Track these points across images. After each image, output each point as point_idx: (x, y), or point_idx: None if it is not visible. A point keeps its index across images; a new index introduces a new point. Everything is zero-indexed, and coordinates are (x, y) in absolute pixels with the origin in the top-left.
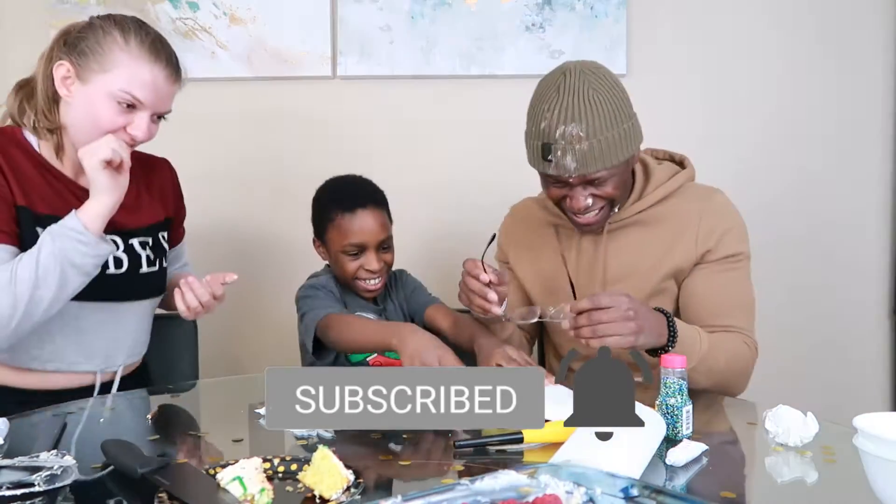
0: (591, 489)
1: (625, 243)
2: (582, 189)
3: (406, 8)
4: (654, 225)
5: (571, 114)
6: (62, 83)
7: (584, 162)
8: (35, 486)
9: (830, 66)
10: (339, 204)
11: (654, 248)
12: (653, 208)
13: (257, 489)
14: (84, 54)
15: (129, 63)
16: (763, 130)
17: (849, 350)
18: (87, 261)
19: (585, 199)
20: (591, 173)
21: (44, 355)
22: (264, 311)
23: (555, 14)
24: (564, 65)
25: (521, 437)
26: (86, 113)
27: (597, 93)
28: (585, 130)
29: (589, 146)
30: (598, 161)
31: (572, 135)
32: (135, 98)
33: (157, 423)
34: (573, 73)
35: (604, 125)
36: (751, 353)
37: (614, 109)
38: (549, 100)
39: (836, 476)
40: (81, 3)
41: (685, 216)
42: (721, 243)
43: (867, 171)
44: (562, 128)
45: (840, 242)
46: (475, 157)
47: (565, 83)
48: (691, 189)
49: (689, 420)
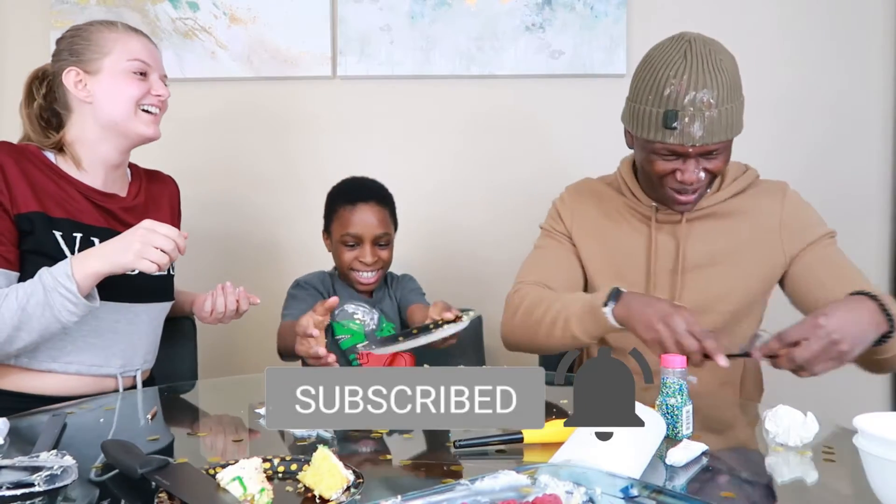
0: (591, 489)
1: (703, 233)
2: (696, 162)
3: (406, 8)
4: (731, 217)
5: (703, 80)
6: (77, 87)
7: (712, 130)
8: (35, 486)
9: (831, 66)
10: (344, 196)
11: (733, 239)
12: (729, 201)
13: (257, 489)
14: (81, 52)
15: (121, 39)
16: (763, 130)
17: None
18: (71, 318)
19: (699, 171)
20: (715, 143)
21: (63, 356)
22: (264, 311)
23: (555, 14)
24: (684, 33)
25: (521, 437)
26: (111, 97)
27: (723, 62)
28: (716, 98)
29: (718, 114)
30: (725, 131)
31: (703, 101)
32: (144, 62)
33: (157, 423)
34: (697, 41)
35: (731, 94)
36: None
37: (737, 80)
38: (674, 65)
39: (836, 476)
40: (81, 4)
41: (763, 210)
42: (811, 227)
43: (867, 171)
44: (692, 93)
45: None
46: (475, 156)
47: (692, 50)
48: (763, 185)
49: (689, 420)
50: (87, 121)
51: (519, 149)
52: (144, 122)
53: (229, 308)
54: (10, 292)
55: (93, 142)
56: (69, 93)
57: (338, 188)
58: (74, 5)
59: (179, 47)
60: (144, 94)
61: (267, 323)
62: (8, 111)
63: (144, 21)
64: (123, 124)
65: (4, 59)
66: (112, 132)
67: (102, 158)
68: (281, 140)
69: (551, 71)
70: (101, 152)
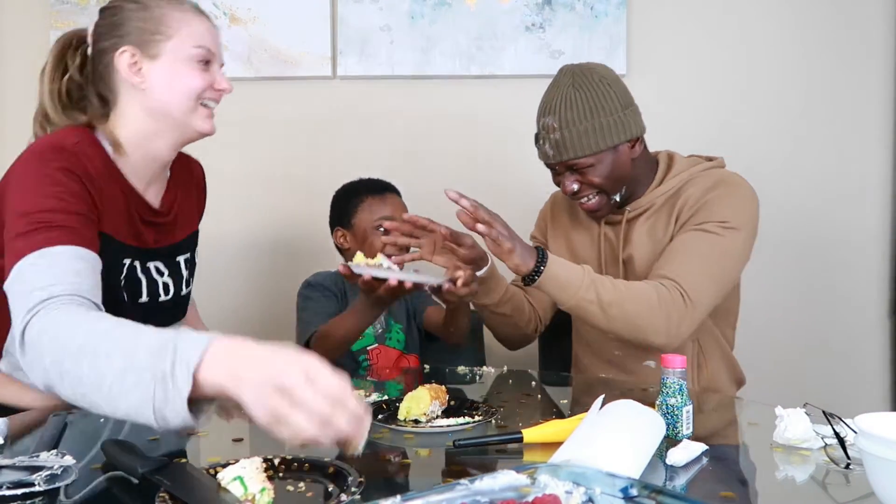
0: (590, 489)
1: (641, 230)
2: (569, 175)
3: (406, 8)
4: (666, 211)
5: (551, 107)
6: (130, 70)
7: (559, 150)
8: (35, 486)
9: (831, 66)
10: (369, 188)
11: (665, 232)
12: (669, 196)
13: (258, 489)
14: (141, 31)
15: (187, 20)
16: (763, 130)
17: (849, 350)
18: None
19: (571, 184)
20: (568, 160)
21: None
22: (264, 312)
23: (555, 14)
24: (564, 66)
25: (521, 436)
26: (170, 87)
27: (577, 90)
28: (558, 122)
29: (561, 136)
30: (571, 150)
31: (548, 125)
32: (209, 50)
33: None
34: (565, 73)
35: (576, 118)
36: (667, 293)
37: (592, 104)
38: (543, 98)
39: (836, 476)
40: (81, 4)
41: (690, 200)
42: (699, 212)
43: (868, 171)
44: (542, 119)
45: (840, 242)
46: (475, 156)
47: (554, 81)
48: (704, 176)
49: (689, 420)
50: (135, 109)
51: (519, 149)
52: (202, 117)
53: None
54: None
55: (144, 135)
56: (118, 74)
57: (356, 184)
58: (74, 5)
59: None
60: (207, 86)
61: (267, 322)
62: (8, 111)
63: None
64: (180, 118)
65: (4, 59)
66: (165, 124)
67: (153, 155)
68: (281, 140)
69: (551, 71)
70: (153, 148)
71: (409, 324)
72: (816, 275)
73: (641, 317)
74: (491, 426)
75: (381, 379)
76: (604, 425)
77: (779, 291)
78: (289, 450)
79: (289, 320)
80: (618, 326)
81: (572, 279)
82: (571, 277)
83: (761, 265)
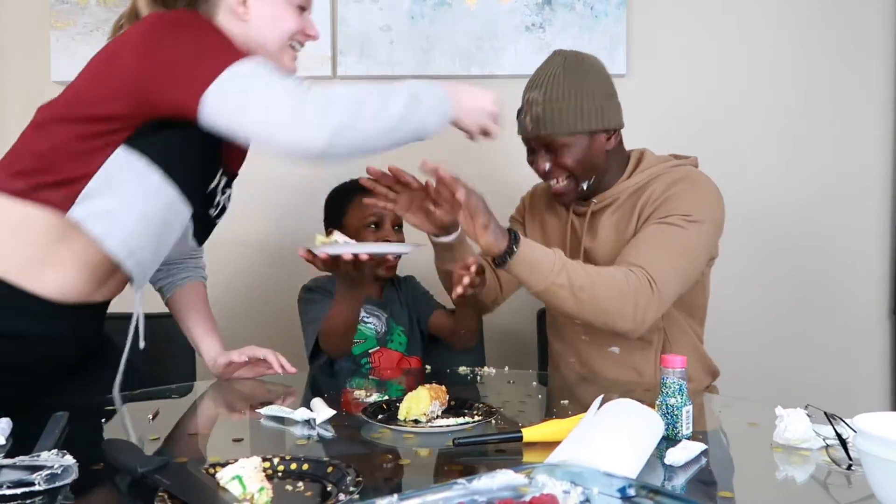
0: (588, 489)
1: (605, 222)
2: (543, 153)
3: (406, 8)
4: (629, 205)
5: (537, 82)
6: (239, 3)
7: (537, 124)
8: (35, 486)
9: (831, 66)
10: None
11: (628, 226)
12: (633, 191)
13: (257, 488)
14: None
15: None
16: (763, 131)
17: (849, 350)
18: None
19: (544, 163)
20: (545, 135)
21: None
22: (263, 312)
23: (555, 14)
24: (558, 49)
25: (521, 436)
26: (271, 24)
27: (566, 71)
28: (542, 96)
29: (543, 111)
30: (549, 125)
31: (533, 99)
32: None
33: (157, 423)
34: (558, 54)
35: (560, 95)
36: (635, 279)
37: (576, 87)
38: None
39: (837, 477)
40: (81, 3)
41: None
42: (662, 206)
43: (867, 171)
44: (528, 93)
45: (840, 243)
46: (475, 156)
47: (546, 61)
48: (671, 172)
49: (688, 420)
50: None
51: (519, 148)
52: (290, 57)
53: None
54: (403, 87)
55: (251, 49)
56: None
57: (347, 185)
58: (74, 5)
59: None
60: (300, 30)
61: (267, 322)
62: (9, 111)
63: None
64: (273, 53)
65: (4, 58)
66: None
67: None
68: None
69: None
70: None
71: (411, 326)
72: (816, 275)
73: (611, 301)
74: (491, 426)
75: (382, 379)
76: (602, 425)
77: (779, 291)
78: (289, 450)
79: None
80: (586, 311)
81: (544, 262)
82: (543, 261)
83: (761, 264)
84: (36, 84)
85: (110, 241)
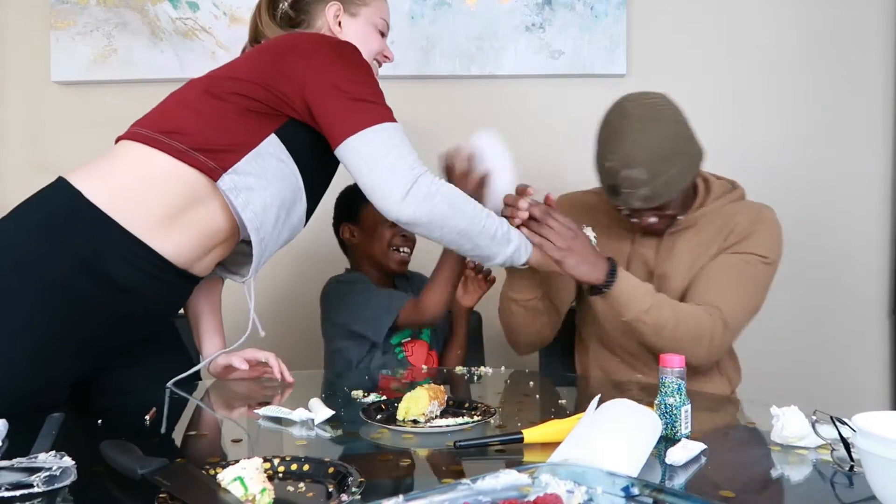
0: (591, 488)
1: (684, 245)
2: (650, 212)
3: (406, 8)
4: (713, 231)
5: (634, 158)
6: (333, 20)
7: (649, 200)
8: (34, 487)
9: (830, 66)
10: None
11: (707, 249)
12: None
13: (258, 489)
14: None
15: None
16: (763, 130)
17: (849, 350)
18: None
19: (650, 218)
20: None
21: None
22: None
23: (555, 14)
24: (625, 100)
25: (522, 436)
26: (362, 42)
27: (656, 135)
28: (647, 174)
29: (652, 189)
30: (661, 197)
31: (636, 179)
32: (387, 25)
33: (157, 423)
34: (633, 116)
35: (664, 166)
36: (711, 322)
37: (673, 147)
38: (610, 141)
39: (838, 476)
40: (81, 3)
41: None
42: (745, 240)
43: (867, 170)
44: (625, 171)
45: (840, 242)
46: None
47: (626, 126)
48: (746, 203)
49: (687, 420)
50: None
51: (518, 149)
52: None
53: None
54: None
55: None
56: (323, 19)
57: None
58: (74, 5)
59: (179, 47)
60: (381, 52)
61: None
62: (9, 111)
63: (144, 21)
64: None
65: (4, 58)
66: None
67: None
68: None
69: (551, 71)
70: None
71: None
72: (816, 274)
73: (687, 342)
74: (490, 426)
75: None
76: (600, 424)
77: (779, 291)
78: (289, 450)
79: (288, 319)
80: (662, 345)
81: (637, 298)
82: (637, 297)
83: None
84: (36, 84)
85: (248, 213)
